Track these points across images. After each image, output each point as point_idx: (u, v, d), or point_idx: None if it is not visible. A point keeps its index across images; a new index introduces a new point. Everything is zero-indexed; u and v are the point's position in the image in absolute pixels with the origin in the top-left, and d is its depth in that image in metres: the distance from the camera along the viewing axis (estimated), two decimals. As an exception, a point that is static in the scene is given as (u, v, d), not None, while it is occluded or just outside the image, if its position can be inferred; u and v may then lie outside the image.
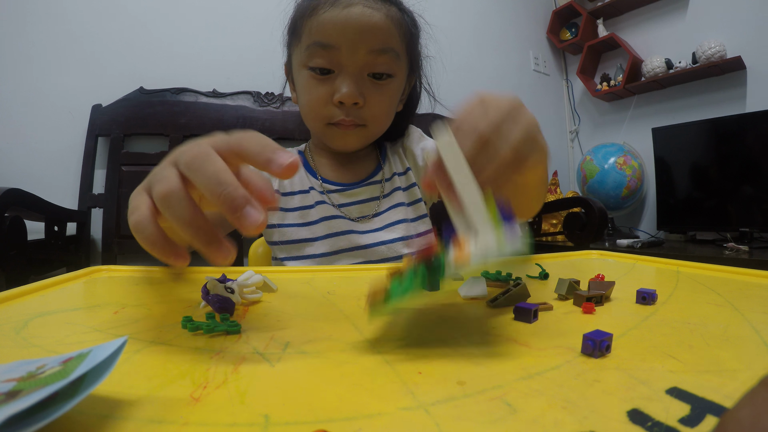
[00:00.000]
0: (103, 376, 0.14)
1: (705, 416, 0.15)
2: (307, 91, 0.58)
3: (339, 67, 0.55)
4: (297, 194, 0.63)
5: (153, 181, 0.25)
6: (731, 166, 1.55)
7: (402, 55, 0.59)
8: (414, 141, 0.71)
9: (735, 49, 1.63)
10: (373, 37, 0.54)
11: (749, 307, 0.30)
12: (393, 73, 0.58)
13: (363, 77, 0.56)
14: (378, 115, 0.59)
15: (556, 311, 0.29)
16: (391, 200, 0.65)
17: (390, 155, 0.71)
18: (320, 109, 0.57)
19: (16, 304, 0.31)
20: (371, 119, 0.59)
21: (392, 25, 0.56)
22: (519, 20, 2.12)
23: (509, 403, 0.16)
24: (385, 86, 0.58)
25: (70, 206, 1.12)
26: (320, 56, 0.55)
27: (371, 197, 0.65)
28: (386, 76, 0.58)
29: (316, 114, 0.58)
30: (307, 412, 0.15)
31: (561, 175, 2.10)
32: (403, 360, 0.21)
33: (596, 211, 1.24)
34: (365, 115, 0.58)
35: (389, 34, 0.56)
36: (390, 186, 0.66)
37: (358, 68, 0.55)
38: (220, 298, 0.28)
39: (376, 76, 0.57)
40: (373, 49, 0.55)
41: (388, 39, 0.56)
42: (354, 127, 0.58)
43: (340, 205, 0.63)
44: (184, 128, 1.24)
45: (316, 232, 0.61)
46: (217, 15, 1.35)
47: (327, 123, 0.58)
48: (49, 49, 1.16)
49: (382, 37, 0.55)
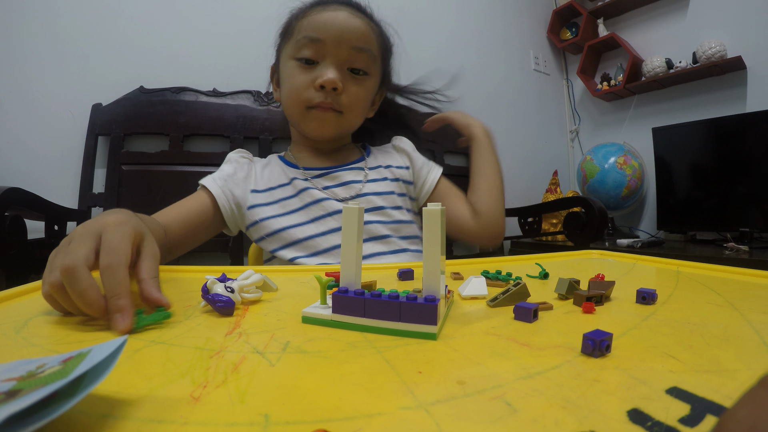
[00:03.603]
0: (103, 376, 0.14)
1: (705, 416, 0.15)
2: (292, 78, 0.64)
3: (323, 59, 0.62)
4: (277, 188, 0.66)
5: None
6: (731, 166, 1.55)
7: (377, 59, 0.67)
8: (410, 146, 0.76)
9: (735, 49, 1.63)
10: (355, 36, 0.62)
11: (749, 307, 0.30)
12: (369, 72, 0.66)
13: (343, 70, 0.63)
14: (354, 103, 0.65)
15: (556, 311, 0.29)
16: (374, 186, 0.68)
17: (375, 152, 0.75)
18: (302, 92, 0.63)
19: (16, 304, 0.31)
20: (348, 106, 0.64)
21: (372, 33, 0.65)
22: (519, 20, 2.12)
23: (509, 403, 0.16)
24: (361, 81, 0.65)
25: (70, 206, 1.12)
26: (308, 48, 0.62)
27: (354, 180, 0.68)
28: (363, 73, 0.65)
29: (297, 97, 0.63)
30: (307, 412, 0.15)
31: (561, 174, 2.10)
32: (403, 360, 0.21)
33: (596, 210, 1.24)
34: (343, 101, 0.64)
35: (369, 38, 0.64)
36: (375, 174, 0.70)
37: (340, 61, 0.62)
38: (220, 297, 0.28)
39: (355, 71, 0.64)
40: (355, 46, 0.62)
41: (368, 41, 0.64)
42: (332, 112, 0.64)
43: (325, 188, 0.66)
44: (184, 127, 1.24)
45: (303, 217, 0.64)
46: (217, 15, 1.35)
47: (307, 107, 0.63)
48: (49, 48, 1.16)
49: (363, 38, 0.63)
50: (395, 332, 0.24)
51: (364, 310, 0.25)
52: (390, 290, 0.26)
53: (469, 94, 1.83)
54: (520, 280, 0.32)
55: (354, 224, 0.27)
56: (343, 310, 0.26)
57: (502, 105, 2.00)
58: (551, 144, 2.21)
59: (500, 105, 1.99)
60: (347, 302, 0.26)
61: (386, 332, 0.25)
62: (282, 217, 0.64)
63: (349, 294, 0.26)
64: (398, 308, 0.24)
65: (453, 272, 0.44)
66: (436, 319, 0.24)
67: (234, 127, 1.28)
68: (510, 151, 1.96)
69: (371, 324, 0.25)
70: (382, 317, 0.25)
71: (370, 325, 0.25)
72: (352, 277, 0.28)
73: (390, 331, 0.25)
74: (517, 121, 2.05)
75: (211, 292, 0.29)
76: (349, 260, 0.28)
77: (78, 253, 0.28)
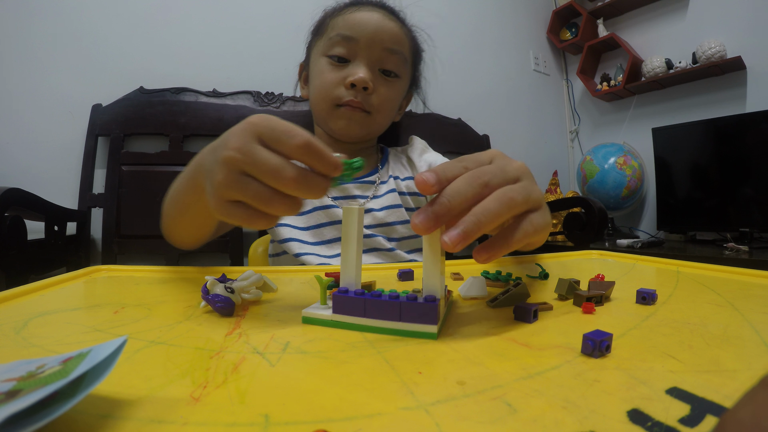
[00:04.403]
0: (103, 376, 0.14)
1: (705, 416, 0.15)
2: (322, 75, 0.63)
3: (355, 58, 0.62)
4: None
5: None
6: (731, 166, 1.55)
7: (408, 62, 0.67)
8: (417, 152, 0.74)
9: (735, 49, 1.63)
10: (388, 37, 0.62)
11: (749, 307, 0.30)
12: (400, 74, 0.65)
13: (375, 70, 0.63)
14: (382, 105, 0.64)
15: (556, 311, 0.29)
16: (381, 201, 0.67)
17: (392, 160, 0.73)
18: (332, 89, 0.62)
19: (16, 304, 0.31)
20: (376, 107, 0.64)
21: (404, 36, 0.65)
22: (519, 20, 2.12)
23: (509, 403, 0.16)
24: (392, 83, 0.65)
25: (70, 206, 1.12)
26: (341, 46, 0.62)
27: (361, 195, 0.67)
28: (394, 75, 0.65)
29: (326, 94, 0.63)
30: (307, 412, 0.15)
31: (561, 175, 2.10)
32: (403, 360, 0.21)
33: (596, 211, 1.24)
34: (372, 101, 0.63)
35: (402, 41, 0.64)
36: (385, 188, 0.68)
37: (372, 61, 0.62)
38: (220, 297, 0.28)
39: (386, 73, 0.64)
40: (387, 47, 0.62)
41: (401, 43, 0.64)
42: (360, 111, 0.63)
43: (335, 198, 0.66)
44: (184, 128, 1.24)
45: (309, 222, 0.64)
46: (217, 15, 1.35)
47: (336, 104, 0.63)
48: (50, 48, 1.16)
49: (396, 39, 0.63)
50: (395, 332, 0.24)
51: (365, 310, 0.25)
52: (390, 290, 0.26)
53: (469, 94, 1.84)
54: (520, 281, 0.32)
55: (354, 224, 0.27)
56: (344, 310, 0.26)
57: (501, 105, 2.00)
58: (551, 144, 2.21)
59: (500, 105, 1.99)
60: (348, 302, 0.26)
61: (386, 332, 0.25)
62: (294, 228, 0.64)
63: (350, 294, 0.26)
64: (398, 308, 0.24)
65: (453, 272, 0.44)
66: (437, 319, 0.24)
67: (234, 128, 1.28)
68: (510, 152, 1.96)
69: (371, 324, 0.25)
70: (383, 317, 0.25)
71: (371, 325, 0.25)
72: (352, 278, 0.28)
73: (390, 330, 0.25)
74: (517, 121, 2.05)
75: (211, 293, 0.29)
76: (349, 260, 0.28)
77: (239, 140, 0.26)
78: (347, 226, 0.28)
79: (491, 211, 0.24)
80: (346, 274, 0.28)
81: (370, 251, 0.63)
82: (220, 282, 0.30)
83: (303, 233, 0.63)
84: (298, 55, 0.75)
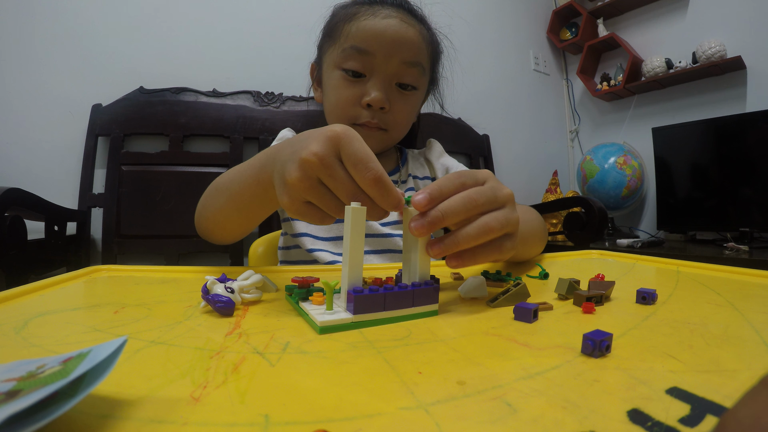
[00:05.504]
0: (103, 376, 0.14)
1: (705, 416, 0.15)
2: (337, 91, 0.61)
3: (371, 73, 0.59)
4: None
5: None
6: (731, 166, 1.55)
7: (427, 71, 0.64)
8: (435, 155, 0.75)
9: (735, 49, 1.63)
10: (407, 49, 0.58)
11: (749, 307, 0.30)
12: (418, 86, 0.62)
13: (391, 85, 0.60)
14: (399, 122, 0.63)
15: (556, 311, 0.29)
16: None
17: (411, 160, 0.73)
18: (348, 109, 0.60)
19: (16, 304, 0.31)
20: (393, 125, 0.62)
21: (423, 42, 0.61)
22: (519, 20, 2.12)
23: (509, 403, 0.16)
24: (409, 96, 0.62)
25: (70, 206, 1.12)
26: (355, 60, 0.58)
27: None
28: (411, 88, 0.61)
29: (343, 113, 0.61)
30: (307, 412, 0.15)
31: (561, 175, 2.10)
32: (403, 360, 0.21)
33: (596, 210, 1.24)
34: (389, 120, 0.61)
35: (420, 50, 0.60)
36: (404, 187, 0.68)
37: (389, 76, 0.59)
38: (220, 297, 0.28)
39: (403, 86, 0.61)
40: (405, 60, 0.59)
41: (419, 54, 0.60)
42: (377, 130, 0.61)
43: None
44: (184, 128, 1.24)
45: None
46: (217, 15, 1.35)
47: (352, 123, 0.61)
48: (50, 48, 1.16)
49: (414, 51, 0.59)
50: (408, 317, 0.28)
51: (384, 304, 0.27)
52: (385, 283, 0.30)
53: (469, 94, 1.84)
54: (520, 281, 0.32)
55: (358, 224, 0.27)
56: (365, 308, 0.26)
57: (501, 105, 2.00)
58: (551, 144, 2.21)
59: (500, 105, 1.99)
60: (368, 300, 0.26)
61: (401, 320, 0.27)
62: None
63: (367, 292, 0.26)
64: (411, 295, 0.28)
65: (453, 272, 0.44)
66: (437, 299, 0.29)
67: (234, 128, 1.28)
68: (510, 152, 1.97)
69: (391, 315, 0.27)
70: (399, 306, 0.27)
71: (390, 317, 0.27)
72: (358, 277, 0.28)
73: (404, 317, 0.27)
74: (517, 121, 2.05)
75: (211, 293, 0.29)
76: (356, 261, 0.28)
77: (321, 147, 0.28)
78: (352, 226, 0.27)
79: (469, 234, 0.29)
80: (353, 273, 0.28)
81: (385, 252, 0.62)
82: (220, 282, 0.30)
83: (317, 229, 0.63)
84: (297, 55, 0.74)
